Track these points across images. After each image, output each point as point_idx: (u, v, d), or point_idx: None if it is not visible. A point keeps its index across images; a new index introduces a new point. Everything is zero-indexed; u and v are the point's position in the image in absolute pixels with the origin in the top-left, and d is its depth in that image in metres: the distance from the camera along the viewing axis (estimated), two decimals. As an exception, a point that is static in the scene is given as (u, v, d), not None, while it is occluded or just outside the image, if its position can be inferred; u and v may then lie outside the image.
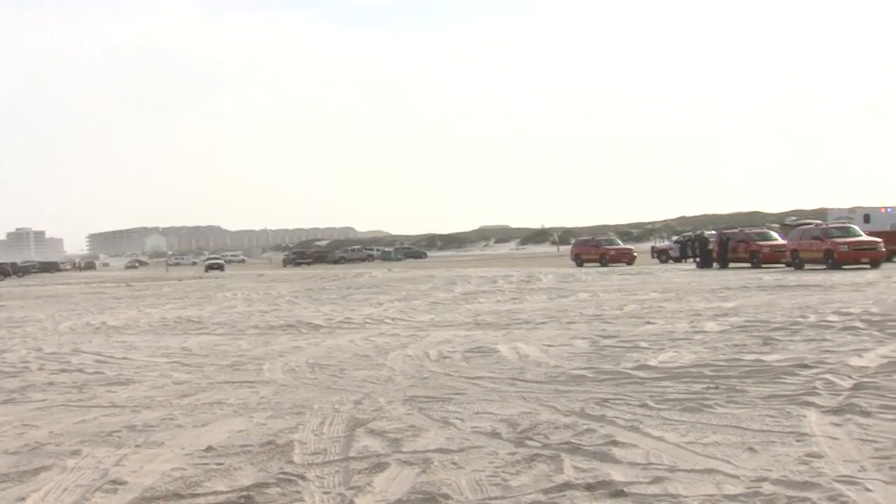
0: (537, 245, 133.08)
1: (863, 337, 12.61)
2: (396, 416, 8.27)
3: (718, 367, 10.33)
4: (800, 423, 7.24)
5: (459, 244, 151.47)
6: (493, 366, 11.42)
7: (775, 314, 16.52)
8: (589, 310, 19.63)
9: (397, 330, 16.88)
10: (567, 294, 25.78)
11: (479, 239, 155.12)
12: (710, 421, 7.50)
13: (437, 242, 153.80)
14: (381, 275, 48.89)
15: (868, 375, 9.35)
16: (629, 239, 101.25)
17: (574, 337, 14.29)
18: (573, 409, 8.25)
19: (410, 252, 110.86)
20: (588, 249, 54.24)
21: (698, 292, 24.00)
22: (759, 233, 43.65)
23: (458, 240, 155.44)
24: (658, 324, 15.87)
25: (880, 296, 19.81)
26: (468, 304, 23.09)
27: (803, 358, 10.67)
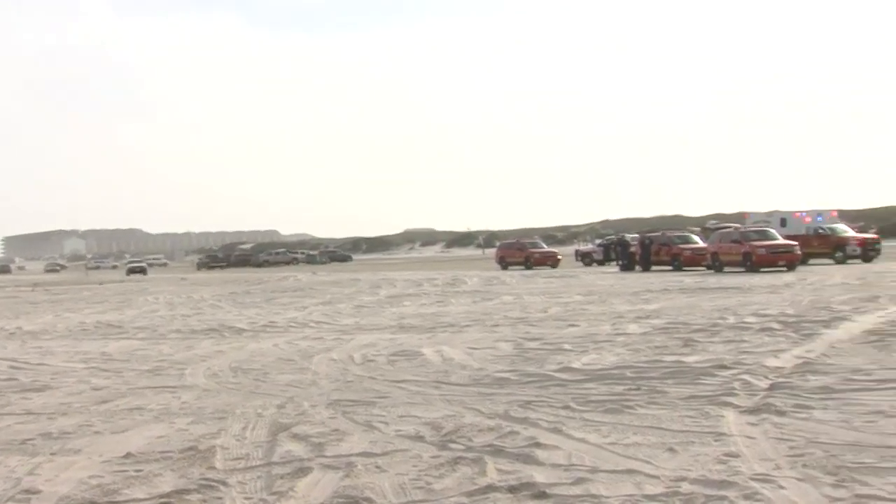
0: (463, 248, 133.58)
1: (779, 338, 12.91)
2: (320, 420, 8.22)
3: (640, 368, 10.48)
4: (718, 424, 7.38)
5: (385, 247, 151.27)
6: (418, 369, 11.42)
7: (696, 316, 16.82)
8: (513, 312, 19.75)
9: (322, 333, 16.78)
10: (492, 297, 25.91)
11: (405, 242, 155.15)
12: (631, 422, 7.61)
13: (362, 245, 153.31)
14: (306, 278, 48.56)
15: (783, 376, 9.57)
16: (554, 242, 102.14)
17: (498, 340, 14.36)
18: (497, 411, 8.29)
19: (335, 255, 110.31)
20: (513, 252, 54.57)
21: (621, 295, 24.33)
22: (680, 236, 44.35)
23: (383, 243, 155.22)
24: (581, 326, 16.04)
25: (796, 298, 20.30)
26: (393, 308, 23.06)
27: (722, 359, 10.89)
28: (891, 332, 12.86)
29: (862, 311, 16.35)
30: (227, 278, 55.88)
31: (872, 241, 41.87)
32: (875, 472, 5.79)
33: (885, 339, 12.18)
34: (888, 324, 14.00)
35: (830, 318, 15.05)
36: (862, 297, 19.34)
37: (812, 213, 43.60)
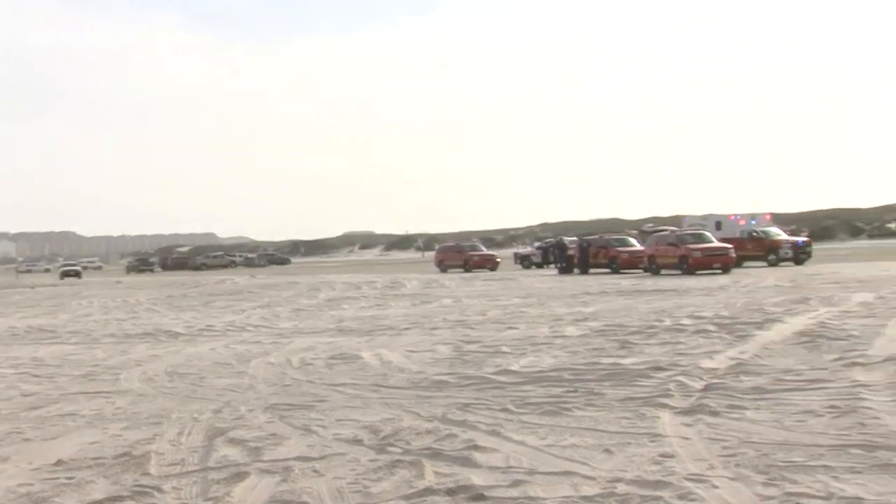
0: (402, 251, 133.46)
1: (714, 339, 13.11)
2: (257, 424, 8.15)
3: (578, 370, 10.56)
4: (654, 425, 7.47)
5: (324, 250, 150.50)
6: (357, 372, 11.38)
7: (633, 318, 17.01)
8: (452, 315, 19.79)
9: (259, 337, 16.65)
10: (431, 300, 25.93)
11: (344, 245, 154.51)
12: (568, 424, 7.66)
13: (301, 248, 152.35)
14: (244, 281, 48.14)
15: (718, 377, 9.72)
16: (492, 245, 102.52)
17: (437, 342, 14.38)
18: (435, 414, 8.30)
19: (274, 258, 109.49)
20: (452, 255, 54.69)
21: (559, 297, 24.51)
22: (618, 239, 44.84)
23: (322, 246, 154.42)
24: (520, 329, 16.12)
25: (730, 300, 20.63)
26: (332, 311, 22.97)
27: (658, 361, 11.02)
28: (821, 334, 13.13)
29: (793, 312, 16.68)
30: (164, 282, 55.16)
31: (804, 245, 42.74)
32: (804, 471, 5.90)
33: (815, 340, 12.44)
34: (818, 325, 14.30)
35: (763, 320, 15.32)
36: (793, 299, 19.73)
37: (746, 216, 44.34)
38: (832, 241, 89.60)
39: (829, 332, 13.33)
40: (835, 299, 19.36)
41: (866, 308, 17.05)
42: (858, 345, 11.81)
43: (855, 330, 13.45)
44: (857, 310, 16.79)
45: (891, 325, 14.01)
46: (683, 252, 36.41)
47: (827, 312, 16.43)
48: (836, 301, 18.91)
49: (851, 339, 12.49)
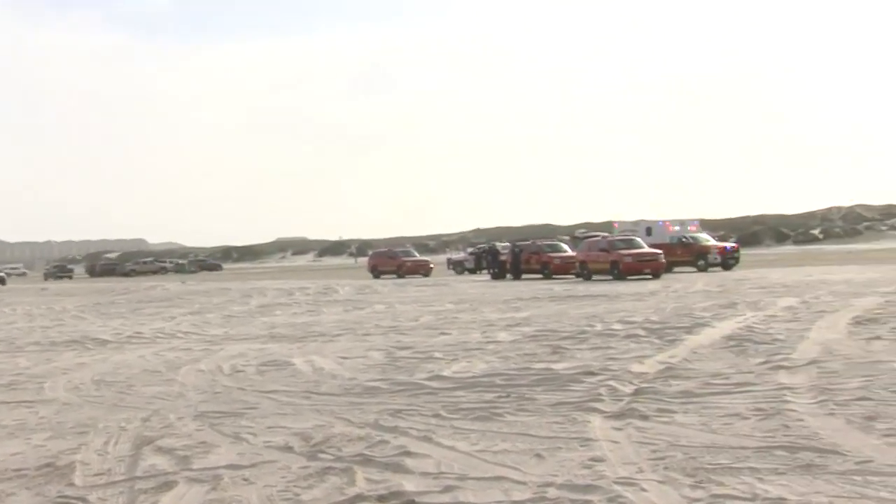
0: (335, 257, 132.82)
1: (644, 344, 13.29)
2: (186, 432, 8.05)
3: (509, 376, 10.61)
4: (584, 429, 7.54)
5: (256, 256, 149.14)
6: (288, 379, 11.31)
7: (564, 324, 17.16)
8: (385, 321, 19.76)
9: (190, 344, 16.45)
10: (363, 306, 25.86)
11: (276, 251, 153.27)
12: (500, 429, 7.70)
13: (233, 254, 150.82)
14: (174, 287, 47.51)
15: (647, 381, 9.85)
16: (426, 251, 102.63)
17: (370, 349, 14.35)
18: (367, 420, 8.28)
19: (205, 264, 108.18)
20: (385, 261, 54.59)
21: (492, 303, 24.62)
22: (550, 244, 45.20)
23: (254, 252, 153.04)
24: (452, 334, 16.16)
25: (660, 305, 20.93)
26: (264, 317, 22.79)
27: (589, 365, 11.13)
28: (747, 337, 13.38)
29: (721, 317, 16.97)
30: (92, 288, 54.17)
31: (732, 250, 43.53)
32: (731, 473, 6.01)
33: (742, 344, 12.68)
34: (745, 329, 14.57)
35: (692, 325, 15.57)
36: (721, 304, 20.08)
37: (676, 222, 45.04)
38: (759, 247, 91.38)
39: (755, 336, 13.60)
40: (761, 304, 19.75)
41: (791, 312, 17.42)
42: (783, 348, 12.07)
43: (780, 334, 13.73)
44: (783, 314, 17.15)
45: (814, 329, 14.34)
46: (615, 258, 36.82)
47: (753, 317, 16.75)
48: (763, 306, 19.29)
49: (777, 342, 12.76)
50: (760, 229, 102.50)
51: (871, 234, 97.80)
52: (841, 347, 12.01)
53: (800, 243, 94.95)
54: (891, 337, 12.94)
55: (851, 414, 7.64)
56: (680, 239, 42.84)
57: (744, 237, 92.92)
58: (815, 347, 12.06)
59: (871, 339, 12.75)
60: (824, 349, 11.86)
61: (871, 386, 8.93)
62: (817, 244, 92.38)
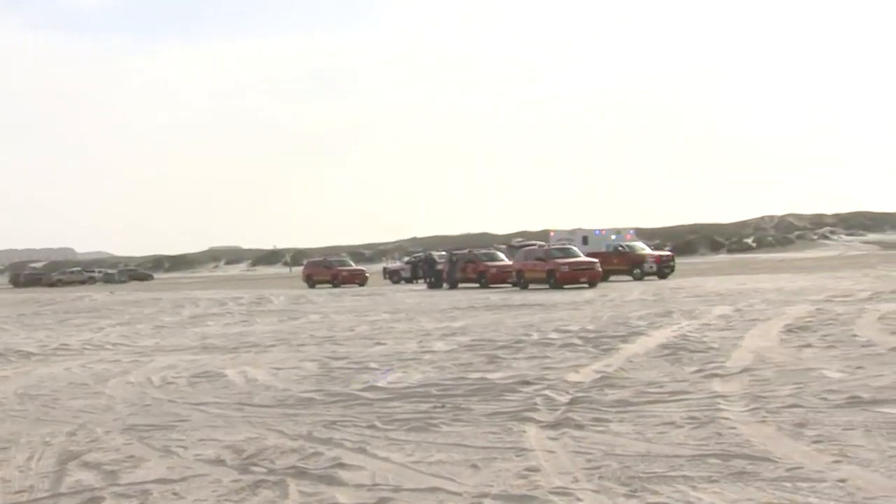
0: (269, 266, 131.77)
1: (580, 353, 13.40)
2: (114, 446, 7.92)
3: (445, 386, 10.63)
4: (520, 439, 7.58)
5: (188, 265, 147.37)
6: (220, 390, 11.19)
7: (501, 333, 17.23)
8: (320, 331, 19.68)
9: (119, 356, 16.19)
10: (298, 316, 25.72)
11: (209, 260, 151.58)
12: (435, 440, 7.70)
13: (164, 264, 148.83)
14: (103, 298, 46.76)
15: (583, 390, 9.93)
16: (361, 260, 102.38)
17: (304, 359, 14.27)
18: (301, 432, 8.22)
19: (135, 274, 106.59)
20: (320, 270, 54.32)
21: (428, 312, 24.64)
22: (486, 253, 45.38)
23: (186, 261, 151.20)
24: (388, 344, 16.15)
25: (596, 314, 21.13)
26: (195, 328, 22.53)
27: (525, 375, 11.19)
28: (682, 346, 13.57)
29: (657, 325, 17.19)
30: (16, 299, 53.02)
31: (667, 259, 44.14)
32: (665, 481, 6.08)
33: (677, 353, 12.85)
34: (680, 338, 14.77)
35: (628, 333, 15.74)
36: (657, 313, 20.34)
37: (612, 231, 45.54)
38: (694, 256, 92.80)
39: (690, 344, 13.80)
40: (696, 312, 20.05)
41: (725, 321, 17.72)
42: (717, 357, 12.26)
43: (714, 342, 13.96)
44: (717, 322, 17.43)
45: (747, 337, 14.59)
46: (551, 266, 37.09)
47: (688, 325, 17.00)
48: (697, 314, 19.59)
49: (711, 351, 12.96)
50: (695, 238, 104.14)
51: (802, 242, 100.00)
52: (773, 355, 12.24)
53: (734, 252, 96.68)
54: (821, 345, 13.22)
55: (782, 421, 7.79)
56: (616, 248, 43.34)
57: (679, 246, 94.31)
58: (748, 355, 12.27)
59: (802, 347, 13.02)
60: (757, 357, 12.08)
61: (802, 393, 9.11)
62: (751, 253, 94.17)
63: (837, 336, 14.21)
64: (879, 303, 20.48)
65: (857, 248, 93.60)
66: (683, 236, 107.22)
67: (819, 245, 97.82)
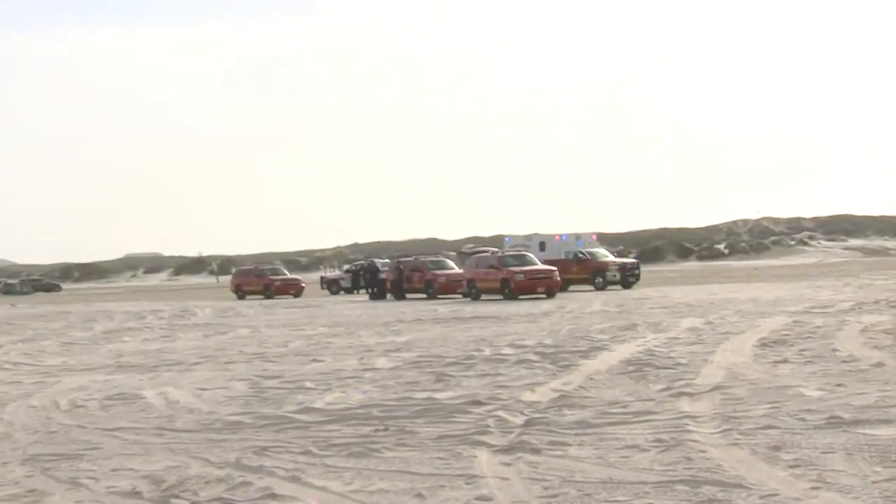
0: (194, 275, 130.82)
1: (536, 370, 13.46)
2: (13, 479, 7.80)
3: (388, 407, 10.62)
4: (471, 465, 7.59)
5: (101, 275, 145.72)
6: (137, 414, 11.09)
7: (450, 348, 17.27)
8: (250, 347, 19.59)
9: (20, 376, 15.96)
10: (226, 330, 25.59)
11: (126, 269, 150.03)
12: (377, 466, 7.69)
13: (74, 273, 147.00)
14: (3, 311, 46.10)
15: (539, 411, 9.97)
16: (297, 268, 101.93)
17: (232, 378, 14.20)
18: (228, 460, 8.17)
19: (41, 284, 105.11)
20: (251, 280, 54.06)
21: (370, 326, 24.63)
22: (434, 261, 45.42)
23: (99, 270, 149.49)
24: (326, 361, 16.11)
25: (554, 327, 21.25)
26: (110, 344, 22.31)
27: (476, 394, 11.22)
28: (647, 362, 13.69)
29: (620, 339, 17.33)
30: None
31: (632, 267, 44.51)
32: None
33: (642, 370, 12.96)
34: (645, 353, 14.91)
35: (589, 348, 15.85)
36: (620, 326, 20.51)
37: (572, 236, 45.78)
38: (661, 263, 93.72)
39: (656, 360, 13.93)
40: (663, 325, 20.25)
41: (694, 334, 17.91)
42: (686, 373, 12.39)
43: (683, 358, 14.10)
44: (685, 336, 17.62)
45: (718, 352, 14.76)
46: (505, 275, 37.22)
47: (654, 339, 17.16)
48: (664, 327, 19.79)
49: (679, 367, 13.09)
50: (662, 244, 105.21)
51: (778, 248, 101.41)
52: (746, 372, 12.39)
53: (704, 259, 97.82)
54: (798, 360, 13.42)
55: (756, 444, 7.88)
56: (576, 254, 43.60)
57: (644, 252, 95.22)
58: (720, 372, 12.41)
59: (778, 363, 13.20)
60: (729, 374, 12.23)
61: (777, 413, 9.23)
62: (723, 260, 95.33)
63: (816, 351, 14.44)
64: (862, 314, 20.85)
65: (838, 254, 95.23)
66: (649, 242, 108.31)
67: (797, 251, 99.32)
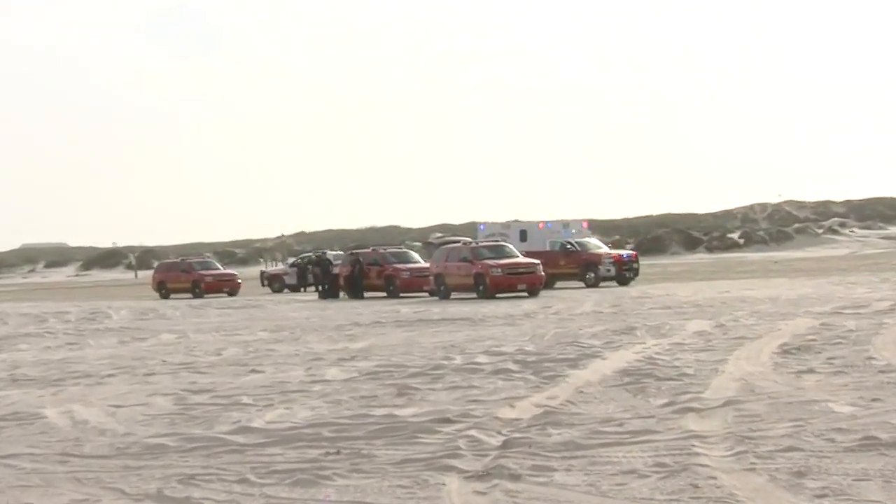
0: (107, 270, 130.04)
1: (516, 382, 13.48)
2: None
3: (341, 426, 10.60)
4: (438, 494, 7.59)
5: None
6: (36, 437, 11.03)
7: (414, 356, 17.26)
8: (175, 356, 19.51)
9: None
10: (146, 336, 25.45)
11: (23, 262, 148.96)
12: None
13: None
14: None
15: (520, 430, 9.99)
16: (232, 261, 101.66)
17: (153, 393, 14.13)
18: (147, 490, 8.14)
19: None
20: (176, 276, 53.79)
21: (320, 330, 24.60)
22: (396, 253, 45.36)
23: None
24: (267, 372, 16.08)
25: (538, 331, 21.28)
26: (2, 353, 22.15)
27: (446, 411, 11.22)
28: (647, 372, 13.75)
29: (615, 345, 17.39)
30: None
31: (630, 260, 44.59)
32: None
33: (641, 381, 13.01)
34: (645, 361, 14.96)
35: (578, 356, 15.88)
36: (616, 329, 20.57)
37: (558, 223, 45.84)
38: (663, 255, 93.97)
39: (658, 370, 13.98)
40: (665, 329, 20.33)
41: (703, 339, 17.99)
42: (692, 386, 12.45)
43: (689, 367, 14.16)
44: (692, 342, 17.69)
45: (731, 360, 14.83)
46: (480, 270, 37.18)
47: (656, 345, 17.22)
48: (668, 331, 19.86)
49: (684, 378, 13.15)
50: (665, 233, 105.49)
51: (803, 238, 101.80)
52: (764, 383, 12.46)
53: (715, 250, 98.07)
54: (826, 370, 13.50)
55: (776, 469, 7.92)
56: (564, 245, 43.67)
57: (644, 243, 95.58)
58: (733, 384, 12.47)
59: (802, 373, 13.28)
60: (744, 386, 12.29)
61: (801, 433, 9.28)
62: (737, 251, 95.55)
63: (848, 359, 14.53)
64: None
65: (874, 244, 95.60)
66: (650, 230, 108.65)
67: (825, 241, 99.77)
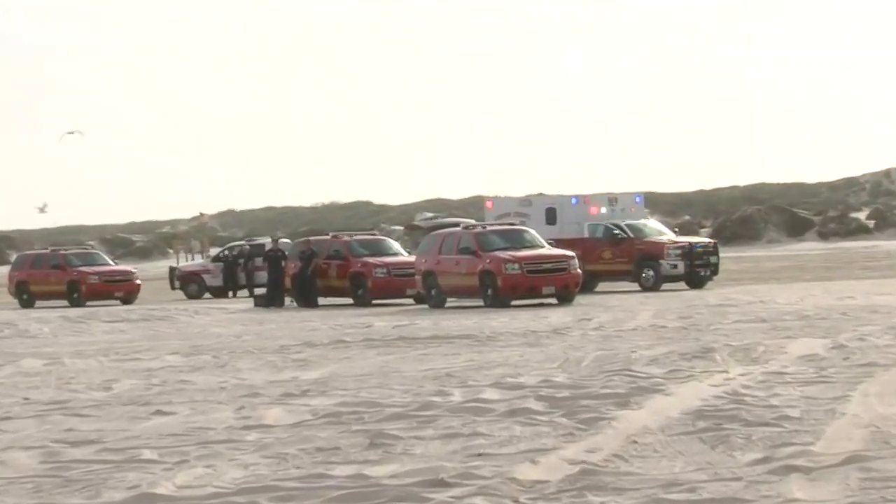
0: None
1: (541, 427, 13.47)
2: None
3: (287, 491, 10.59)
4: None
5: None
6: None
7: (393, 391, 17.24)
8: (44, 392, 19.51)
9: None
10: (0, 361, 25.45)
11: None
12: None
13: None
14: None
15: (546, 497, 9.97)
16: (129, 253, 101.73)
17: (9, 446, 14.10)
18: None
19: None
20: (45, 274, 53.75)
21: (256, 353, 24.61)
22: (366, 241, 45.29)
23: None
24: (179, 414, 16.04)
25: (571, 354, 21.25)
26: None
27: (438, 469, 11.19)
28: (732, 414, 13.72)
29: (685, 376, 17.38)
30: None
31: (704, 251, 44.35)
32: None
33: (723, 427, 12.98)
34: (729, 398, 14.93)
35: (630, 391, 15.88)
36: (685, 352, 20.57)
37: (600, 198, 45.68)
38: (754, 244, 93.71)
39: (746, 411, 13.97)
40: (759, 351, 20.32)
41: (814, 367, 17.99)
42: (798, 434, 12.44)
43: (792, 407, 14.16)
44: (798, 370, 17.69)
45: (856, 397, 14.81)
46: (488, 266, 37.03)
47: (744, 376, 17.21)
48: (761, 355, 19.86)
49: (786, 423, 13.14)
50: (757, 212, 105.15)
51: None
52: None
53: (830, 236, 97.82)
54: None
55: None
56: (609, 230, 43.55)
57: (727, 226, 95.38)
58: (857, 432, 12.48)
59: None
60: (874, 435, 12.28)
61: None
62: (864, 238, 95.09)
63: None
64: None
65: None
66: (735, 208, 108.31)
67: None
